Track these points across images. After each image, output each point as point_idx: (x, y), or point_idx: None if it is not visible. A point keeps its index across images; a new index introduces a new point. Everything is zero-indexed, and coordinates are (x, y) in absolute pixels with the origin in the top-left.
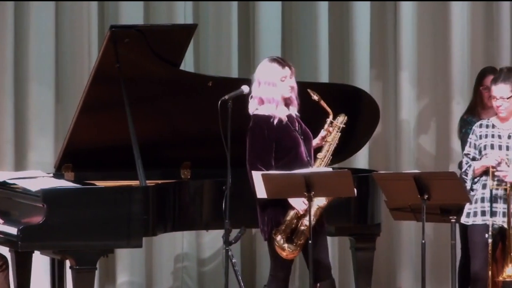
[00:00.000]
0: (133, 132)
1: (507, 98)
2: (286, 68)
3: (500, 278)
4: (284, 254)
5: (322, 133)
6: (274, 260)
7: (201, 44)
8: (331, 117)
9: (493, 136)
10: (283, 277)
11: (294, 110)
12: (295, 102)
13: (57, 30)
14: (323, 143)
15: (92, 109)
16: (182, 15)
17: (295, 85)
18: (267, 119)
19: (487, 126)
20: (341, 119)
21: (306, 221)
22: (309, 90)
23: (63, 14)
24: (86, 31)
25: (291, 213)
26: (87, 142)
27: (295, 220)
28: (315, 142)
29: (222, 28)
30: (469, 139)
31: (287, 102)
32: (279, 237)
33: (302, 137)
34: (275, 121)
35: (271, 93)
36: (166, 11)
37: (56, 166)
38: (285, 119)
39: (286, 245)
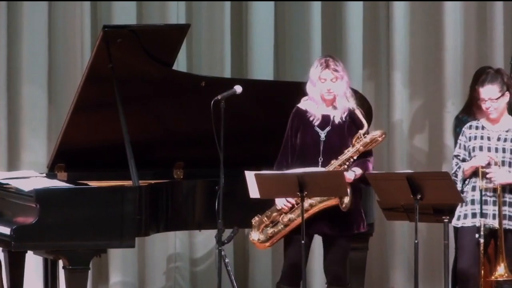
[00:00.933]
0: (126, 132)
1: (496, 99)
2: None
3: (492, 278)
4: (254, 242)
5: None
6: None
7: (194, 44)
8: (363, 130)
9: (482, 138)
10: (282, 275)
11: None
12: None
13: (50, 30)
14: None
15: (85, 109)
16: (175, 15)
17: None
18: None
19: (476, 128)
20: (370, 136)
21: (286, 218)
22: (351, 93)
23: (55, 14)
24: (79, 31)
25: (276, 207)
26: (80, 142)
27: (275, 214)
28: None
29: (215, 28)
30: (458, 141)
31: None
32: (255, 225)
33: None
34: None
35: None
36: (159, 11)
37: (49, 166)
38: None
39: (257, 234)
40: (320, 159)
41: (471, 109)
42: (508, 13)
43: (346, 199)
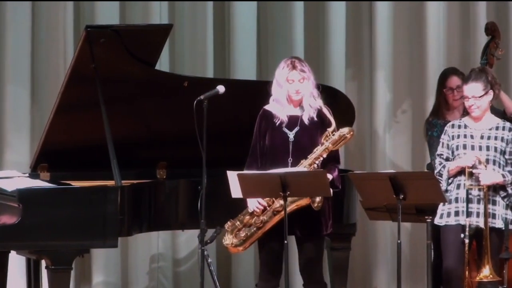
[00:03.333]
0: (109, 132)
1: (479, 97)
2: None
3: (477, 279)
4: (228, 246)
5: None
6: None
7: (177, 44)
8: (331, 128)
9: (465, 136)
10: (259, 277)
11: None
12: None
13: (33, 30)
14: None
15: (68, 110)
16: (158, 15)
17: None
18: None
19: (459, 127)
20: (338, 134)
21: (259, 221)
22: (318, 93)
23: (39, 14)
24: (62, 31)
25: (248, 209)
26: (63, 142)
27: (248, 217)
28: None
29: (197, 28)
30: (441, 140)
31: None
32: (228, 229)
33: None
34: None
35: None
36: (142, 11)
37: (32, 166)
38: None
39: (230, 238)
40: (290, 159)
41: (440, 111)
42: (491, 13)
43: (318, 199)
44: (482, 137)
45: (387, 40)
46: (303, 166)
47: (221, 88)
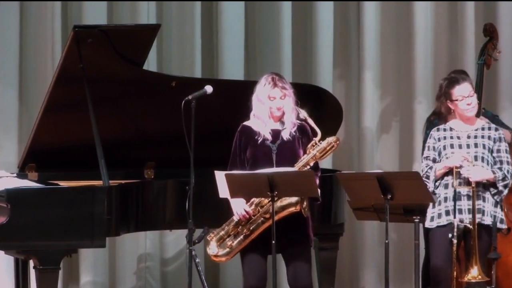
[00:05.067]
0: (97, 132)
1: (472, 96)
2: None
3: (465, 279)
4: (212, 256)
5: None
6: None
7: (165, 44)
8: (317, 137)
9: (451, 137)
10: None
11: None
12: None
13: (21, 30)
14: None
15: (56, 110)
16: (146, 15)
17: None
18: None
19: (444, 130)
20: (326, 142)
21: (245, 229)
22: (297, 108)
23: (27, 14)
24: (50, 31)
25: (233, 218)
26: (51, 142)
27: (233, 226)
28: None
29: (185, 28)
30: (427, 144)
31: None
32: (213, 239)
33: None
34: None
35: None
36: (130, 11)
37: (20, 166)
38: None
39: (215, 248)
40: None
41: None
42: (479, 13)
43: (305, 204)
44: (469, 137)
45: (374, 40)
46: None
47: (209, 88)
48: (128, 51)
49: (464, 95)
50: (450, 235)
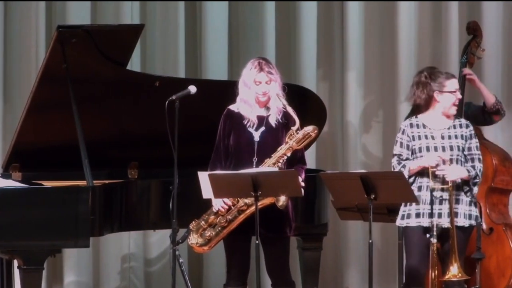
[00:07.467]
0: (80, 132)
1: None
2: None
3: (445, 278)
4: (193, 246)
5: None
6: None
7: (148, 44)
8: (295, 127)
9: (426, 137)
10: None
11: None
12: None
13: (5, 30)
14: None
15: (40, 109)
16: (129, 15)
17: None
18: None
19: (417, 126)
20: (302, 133)
21: (224, 220)
22: (276, 95)
23: (11, 14)
24: (34, 31)
25: (213, 209)
26: (35, 142)
27: (213, 217)
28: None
29: (169, 28)
30: (399, 139)
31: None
32: (193, 229)
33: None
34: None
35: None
36: (113, 11)
37: (4, 166)
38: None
39: (195, 238)
40: (255, 159)
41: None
42: (463, 13)
43: (283, 198)
44: (443, 137)
45: (358, 39)
46: (267, 165)
47: (192, 88)
48: (111, 51)
49: (457, 89)
50: (428, 235)
